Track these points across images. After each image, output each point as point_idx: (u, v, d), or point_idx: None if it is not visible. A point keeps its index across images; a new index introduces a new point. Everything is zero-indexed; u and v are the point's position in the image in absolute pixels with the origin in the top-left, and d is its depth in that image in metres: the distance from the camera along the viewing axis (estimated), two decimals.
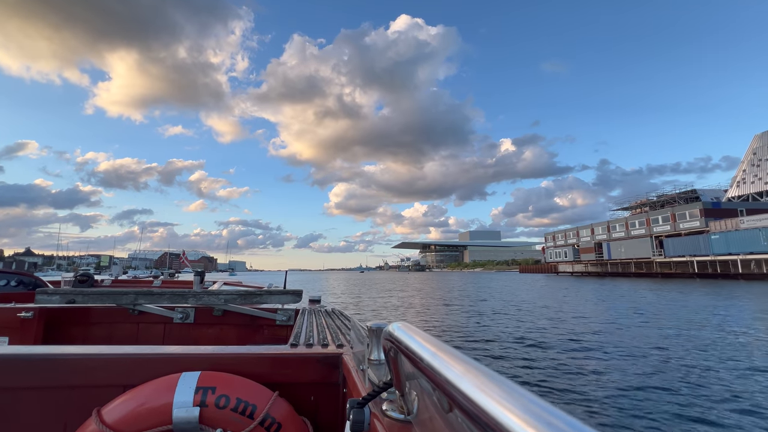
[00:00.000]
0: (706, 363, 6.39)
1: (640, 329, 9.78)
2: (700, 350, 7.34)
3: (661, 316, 12.14)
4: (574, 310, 14.10)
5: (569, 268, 60.65)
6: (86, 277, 5.55)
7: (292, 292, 2.68)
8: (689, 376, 5.69)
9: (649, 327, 10.05)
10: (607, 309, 14.21)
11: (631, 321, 11.11)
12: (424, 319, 12.20)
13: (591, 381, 5.52)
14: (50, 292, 2.44)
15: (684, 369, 6.06)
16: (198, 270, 3.65)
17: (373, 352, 1.11)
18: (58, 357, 1.34)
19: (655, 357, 6.85)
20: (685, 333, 9.09)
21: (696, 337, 8.65)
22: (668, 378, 5.59)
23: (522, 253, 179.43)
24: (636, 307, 14.44)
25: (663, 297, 18.81)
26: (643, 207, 55.63)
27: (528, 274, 73.22)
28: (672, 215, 43.74)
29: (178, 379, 1.25)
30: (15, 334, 2.64)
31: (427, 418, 0.73)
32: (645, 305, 15.21)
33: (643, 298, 18.67)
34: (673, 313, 12.81)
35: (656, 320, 11.19)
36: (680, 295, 19.61)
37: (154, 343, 2.78)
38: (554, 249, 66.69)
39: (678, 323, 10.54)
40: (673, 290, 23.09)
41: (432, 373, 0.51)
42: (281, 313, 2.85)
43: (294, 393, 1.40)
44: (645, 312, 13.11)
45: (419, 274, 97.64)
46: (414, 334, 0.65)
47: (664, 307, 14.66)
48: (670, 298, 18.35)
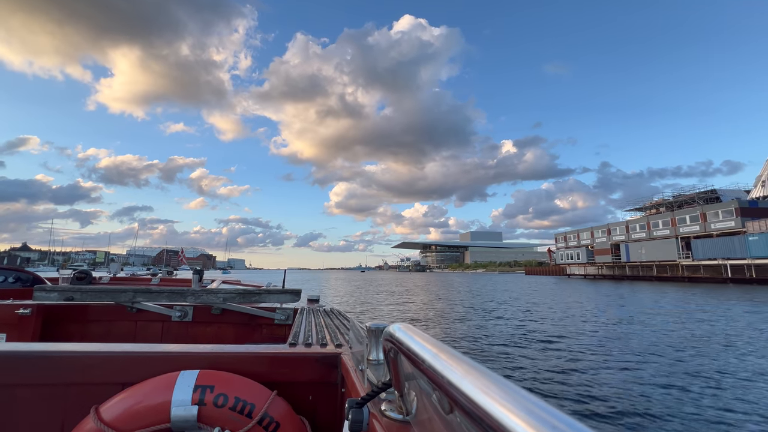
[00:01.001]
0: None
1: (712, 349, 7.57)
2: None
3: (736, 336, 9.53)
4: (624, 327, 11.62)
5: (581, 271, 57.19)
6: (84, 275, 5.41)
7: (291, 291, 2.71)
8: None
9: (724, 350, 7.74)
10: (651, 323, 11.86)
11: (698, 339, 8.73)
12: (470, 338, 9.65)
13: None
14: (48, 289, 2.46)
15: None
16: (196, 268, 3.86)
17: (372, 352, 1.12)
18: (56, 354, 1.32)
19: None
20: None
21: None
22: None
23: (523, 254, 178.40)
24: (688, 316, 12.04)
25: (712, 307, 16.15)
26: (659, 207, 52.54)
27: (535, 276, 70.17)
28: (702, 214, 40.09)
29: (177, 377, 1.24)
30: (13, 330, 2.63)
31: (425, 418, 0.73)
32: (701, 317, 12.83)
33: (686, 305, 16.26)
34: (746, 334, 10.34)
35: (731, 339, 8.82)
36: (741, 307, 17.15)
37: (152, 341, 2.75)
38: (565, 250, 62.78)
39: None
40: (714, 297, 20.28)
41: (433, 374, 0.51)
42: (280, 312, 2.83)
43: (292, 392, 1.40)
44: (713, 323, 10.73)
45: (421, 275, 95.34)
46: (415, 335, 0.65)
47: (729, 321, 12.19)
48: (725, 310, 14.76)
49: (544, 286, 33.08)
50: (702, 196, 48.57)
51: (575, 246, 61.40)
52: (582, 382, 5.74)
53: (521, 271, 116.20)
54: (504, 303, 18.17)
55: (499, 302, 18.56)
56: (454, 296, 22.84)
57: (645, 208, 55.81)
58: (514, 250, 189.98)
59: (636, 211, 57.51)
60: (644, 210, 55.77)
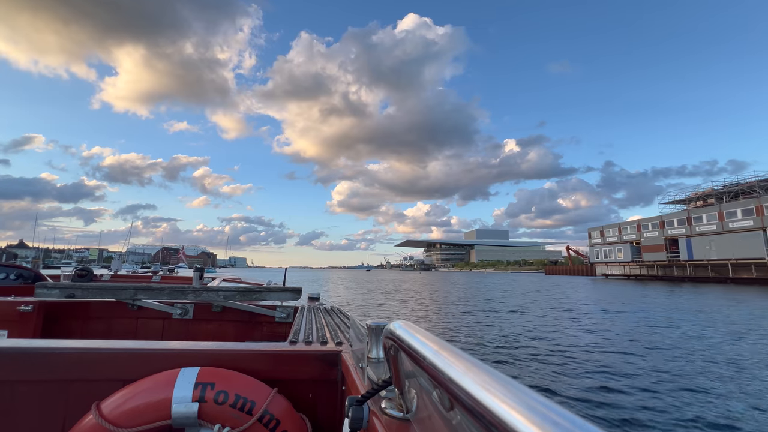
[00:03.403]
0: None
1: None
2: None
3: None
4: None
5: (619, 270, 49.69)
6: (85, 272, 5.57)
7: (292, 289, 2.74)
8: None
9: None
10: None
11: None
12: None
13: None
14: (50, 286, 2.47)
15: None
16: (196, 266, 4.07)
17: (373, 350, 1.13)
18: (57, 351, 1.33)
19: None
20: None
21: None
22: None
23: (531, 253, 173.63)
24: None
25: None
26: (706, 199, 45.55)
27: (557, 276, 64.25)
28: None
29: (178, 374, 1.25)
30: (14, 327, 2.63)
31: (425, 416, 0.72)
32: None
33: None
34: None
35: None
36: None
37: (153, 338, 2.77)
38: (601, 247, 54.55)
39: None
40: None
41: (434, 371, 0.51)
42: (280, 310, 2.85)
43: (293, 390, 1.41)
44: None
45: (428, 274, 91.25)
46: (416, 332, 0.65)
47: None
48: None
49: (596, 290, 26.70)
50: (763, 184, 42.94)
51: (615, 242, 52.80)
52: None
53: (535, 270, 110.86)
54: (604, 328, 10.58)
55: (598, 324, 11.22)
56: (517, 301, 17.68)
57: (689, 199, 48.33)
58: (521, 249, 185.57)
59: (676, 204, 49.75)
60: (687, 202, 48.46)
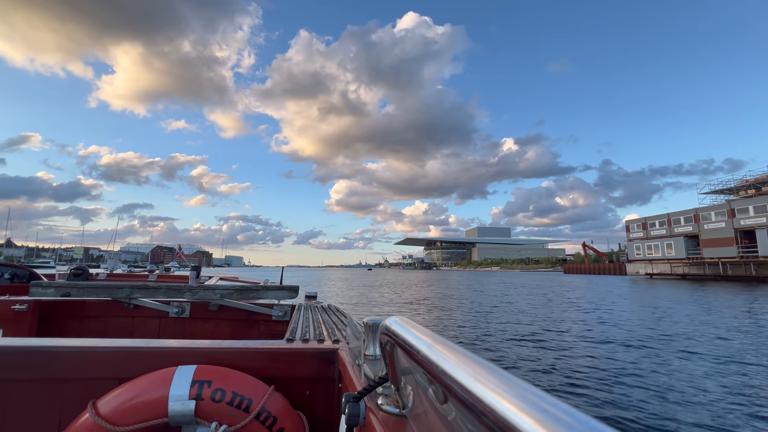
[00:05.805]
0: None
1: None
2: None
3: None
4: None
5: (667, 268, 42.57)
6: (81, 271, 5.54)
7: (289, 287, 2.73)
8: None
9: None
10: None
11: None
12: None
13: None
14: (45, 285, 2.46)
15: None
16: (192, 265, 4.09)
17: (369, 347, 1.13)
18: (52, 349, 1.33)
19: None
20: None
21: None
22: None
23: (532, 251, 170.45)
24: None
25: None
26: (760, 187, 40.10)
27: (580, 275, 58.69)
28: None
29: (174, 372, 1.25)
30: (9, 326, 2.61)
31: (421, 411, 0.73)
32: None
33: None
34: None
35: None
36: None
37: (149, 337, 2.69)
38: (644, 241, 46.33)
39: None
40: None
41: (428, 364, 0.51)
42: (277, 309, 2.85)
43: (290, 387, 1.41)
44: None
45: (430, 273, 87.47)
46: (411, 327, 0.66)
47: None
48: None
49: (677, 295, 20.50)
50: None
51: (663, 236, 44.40)
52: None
53: (544, 269, 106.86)
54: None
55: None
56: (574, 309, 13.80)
57: (737, 188, 42.82)
58: (524, 247, 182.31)
59: (717, 194, 44.85)
60: (733, 192, 43.11)
